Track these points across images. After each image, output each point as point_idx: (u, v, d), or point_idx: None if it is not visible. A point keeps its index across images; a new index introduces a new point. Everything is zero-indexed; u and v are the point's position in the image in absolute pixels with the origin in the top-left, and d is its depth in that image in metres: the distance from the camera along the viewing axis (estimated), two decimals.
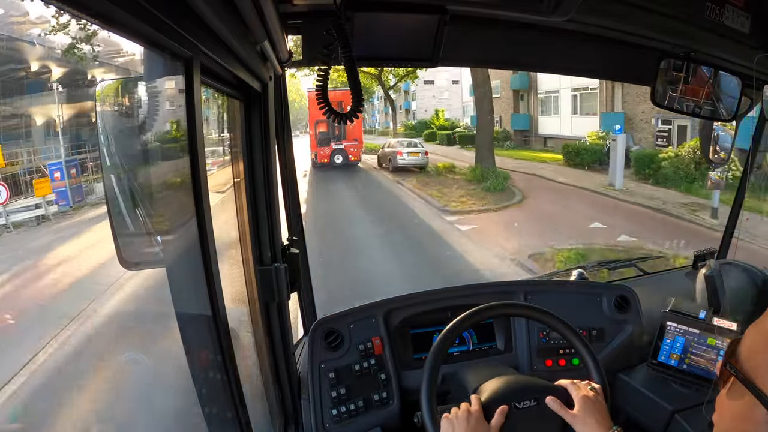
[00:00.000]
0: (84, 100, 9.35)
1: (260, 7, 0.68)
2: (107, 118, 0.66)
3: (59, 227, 7.06)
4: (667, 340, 1.32)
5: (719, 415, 0.51)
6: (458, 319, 1.03)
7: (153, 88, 0.63)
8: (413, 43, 0.97)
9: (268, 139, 1.01)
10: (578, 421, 0.90)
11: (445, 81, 26.17)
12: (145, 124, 0.66)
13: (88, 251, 5.53)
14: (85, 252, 5.57)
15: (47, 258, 5.72)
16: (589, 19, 1.02)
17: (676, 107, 1.23)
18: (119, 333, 3.84)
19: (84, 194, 8.36)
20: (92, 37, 8.98)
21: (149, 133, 0.67)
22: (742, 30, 1.10)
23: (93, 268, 4.95)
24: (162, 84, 0.63)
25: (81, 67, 9.39)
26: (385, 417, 1.24)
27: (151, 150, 0.69)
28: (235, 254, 1.06)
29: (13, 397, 3.02)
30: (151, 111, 0.63)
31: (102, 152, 0.62)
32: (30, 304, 4.50)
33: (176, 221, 0.68)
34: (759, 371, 0.46)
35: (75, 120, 9.36)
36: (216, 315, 0.66)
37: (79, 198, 8.18)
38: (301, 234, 1.37)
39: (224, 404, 0.74)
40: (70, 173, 8.20)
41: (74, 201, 8.00)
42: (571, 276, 1.67)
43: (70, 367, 3.38)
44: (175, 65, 0.58)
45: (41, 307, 4.39)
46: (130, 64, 10.19)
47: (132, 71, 10.10)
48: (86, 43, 9.00)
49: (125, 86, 0.70)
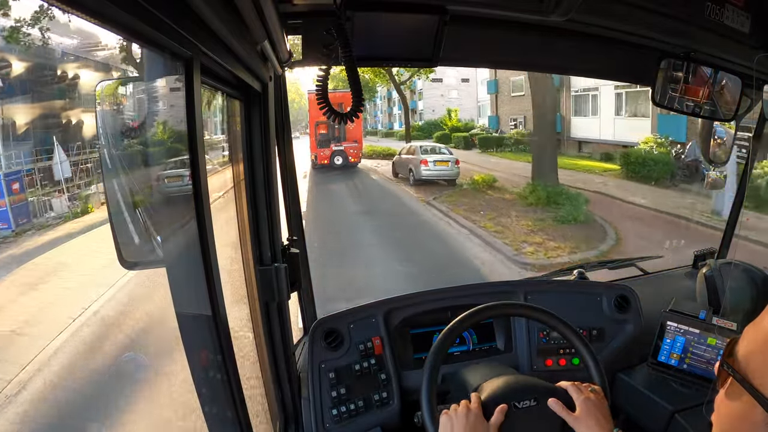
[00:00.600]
0: (29, 98, 7.70)
1: (260, 7, 0.68)
2: (107, 118, 0.66)
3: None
4: (667, 339, 1.32)
5: (718, 415, 0.51)
6: (458, 319, 1.03)
7: (153, 88, 0.63)
8: (413, 43, 0.97)
9: (268, 139, 1.01)
10: (580, 423, 0.90)
11: (453, 79, 23.91)
12: (144, 124, 0.66)
13: (20, 301, 3.85)
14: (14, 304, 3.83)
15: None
16: (589, 19, 1.01)
17: (676, 107, 1.23)
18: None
19: (31, 214, 6.81)
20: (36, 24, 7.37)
21: (149, 133, 0.67)
22: (742, 30, 1.10)
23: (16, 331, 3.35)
24: (162, 84, 0.63)
25: (26, 61, 7.69)
26: (385, 417, 1.24)
27: (151, 150, 0.69)
28: (235, 254, 1.06)
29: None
30: (151, 111, 0.63)
31: (102, 152, 0.62)
32: None
33: (176, 221, 0.68)
34: (757, 371, 0.46)
35: (20, 123, 7.63)
36: (216, 315, 0.66)
37: (24, 219, 6.66)
38: (301, 234, 1.37)
39: (224, 404, 0.74)
40: (11, 189, 6.66)
41: (17, 223, 6.49)
42: (571, 276, 1.67)
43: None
44: (175, 65, 0.57)
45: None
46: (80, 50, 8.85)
47: (76, 57, 8.72)
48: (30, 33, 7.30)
49: (125, 86, 0.70)
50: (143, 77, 0.64)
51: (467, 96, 23.16)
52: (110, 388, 3.21)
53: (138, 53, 8.10)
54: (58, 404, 3.09)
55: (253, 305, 1.05)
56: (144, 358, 3.46)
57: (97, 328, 3.77)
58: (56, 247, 5.92)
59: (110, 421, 2.94)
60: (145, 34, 0.49)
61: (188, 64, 0.58)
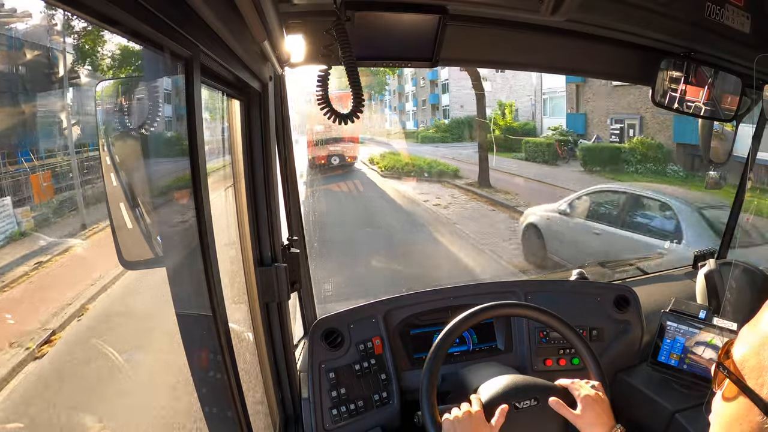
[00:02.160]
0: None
1: (260, 7, 0.68)
2: (106, 117, 0.66)
3: None
4: (667, 340, 1.32)
5: (715, 416, 0.51)
6: (458, 319, 1.03)
7: (153, 87, 0.63)
8: (413, 42, 0.97)
9: (268, 139, 1.01)
10: (581, 421, 0.91)
11: (486, 70, 16.36)
12: (144, 124, 0.66)
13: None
14: None
15: None
16: (589, 19, 1.02)
17: (677, 107, 1.23)
18: None
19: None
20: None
21: (149, 133, 0.67)
22: (742, 30, 1.10)
23: None
24: (162, 83, 0.63)
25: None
26: (385, 417, 1.24)
27: (151, 150, 0.69)
28: (235, 254, 1.06)
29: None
30: (151, 110, 0.63)
31: (101, 152, 0.62)
32: None
33: (176, 221, 0.68)
34: (752, 372, 0.46)
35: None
36: (216, 315, 0.66)
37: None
38: (302, 234, 1.37)
39: (224, 404, 0.74)
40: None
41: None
42: (571, 276, 1.67)
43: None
44: (175, 65, 0.57)
45: None
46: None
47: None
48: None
49: (125, 86, 0.70)
50: (143, 77, 0.64)
51: (515, 88, 16.61)
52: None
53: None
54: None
55: (253, 305, 1.05)
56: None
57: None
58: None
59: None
60: (145, 34, 0.49)
61: (188, 64, 0.57)
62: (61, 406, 2.88)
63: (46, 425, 2.61)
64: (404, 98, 21.75)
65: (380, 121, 21.12)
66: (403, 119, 21.40)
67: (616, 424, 0.90)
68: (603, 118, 12.33)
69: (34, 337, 3.42)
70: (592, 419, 0.90)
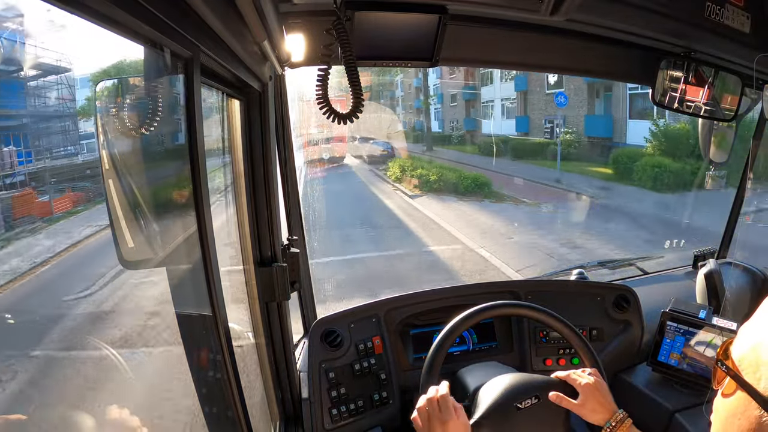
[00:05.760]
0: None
1: (260, 7, 0.68)
2: (106, 117, 0.66)
3: None
4: (667, 339, 1.32)
5: (716, 414, 0.52)
6: (458, 319, 1.03)
7: (153, 87, 0.63)
8: (413, 42, 0.97)
9: (268, 138, 1.01)
10: (584, 409, 0.92)
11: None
12: (144, 124, 0.66)
13: None
14: None
15: None
16: (589, 19, 1.01)
17: (677, 107, 1.23)
18: None
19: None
20: None
21: (148, 133, 0.67)
22: (742, 30, 1.10)
23: None
24: (162, 84, 0.63)
25: None
26: (385, 417, 1.24)
27: (151, 150, 0.69)
28: (235, 254, 1.06)
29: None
30: (151, 111, 0.63)
31: (101, 152, 0.61)
32: None
33: (176, 221, 0.68)
34: (750, 367, 0.46)
35: None
36: (216, 315, 0.66)
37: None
38: (302, 234, 1.37)
39: (224, 404, 0.74)
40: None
41: None
42: (571, 276, 1.67)
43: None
44: (176, 65, 0.57)
45: None
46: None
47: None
48: None
49: (125, 86, 0.70)
50: (143, 77, 0.64)
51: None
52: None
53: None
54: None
55: (253, 305, 1.05)
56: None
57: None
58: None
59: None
60: (145, 34, 0.49)
61: (188, 64, 0.57)
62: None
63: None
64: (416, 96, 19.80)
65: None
66: (421, 119, 19.22)
67: (618, 409, 0.91)
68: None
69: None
70: (594, 406, 0.91)
